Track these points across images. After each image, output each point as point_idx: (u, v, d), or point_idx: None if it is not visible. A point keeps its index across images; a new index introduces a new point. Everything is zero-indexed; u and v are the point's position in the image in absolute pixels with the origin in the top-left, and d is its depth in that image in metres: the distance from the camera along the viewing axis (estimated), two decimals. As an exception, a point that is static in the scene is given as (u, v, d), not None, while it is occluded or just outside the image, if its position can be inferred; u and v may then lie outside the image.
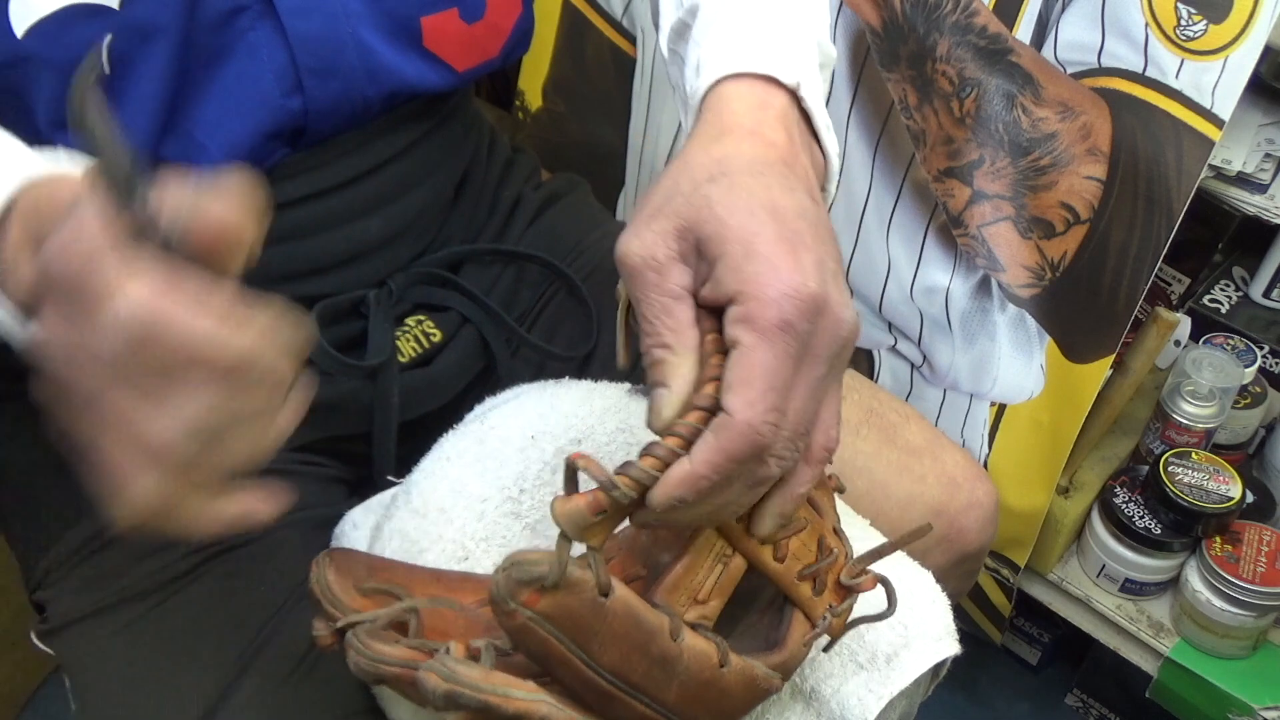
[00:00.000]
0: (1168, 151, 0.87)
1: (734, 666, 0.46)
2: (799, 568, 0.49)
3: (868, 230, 1.05)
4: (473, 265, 0.77)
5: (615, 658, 0.43)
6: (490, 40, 0.71)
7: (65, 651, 0.63)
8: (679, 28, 0.58)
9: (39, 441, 0.68)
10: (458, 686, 0.41)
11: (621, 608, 0.42)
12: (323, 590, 0.51)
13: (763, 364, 0.40)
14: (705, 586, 0.47)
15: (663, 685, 0.44)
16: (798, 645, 0.49)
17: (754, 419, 0.40)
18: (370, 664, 0.45)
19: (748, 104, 0.49)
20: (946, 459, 0.76)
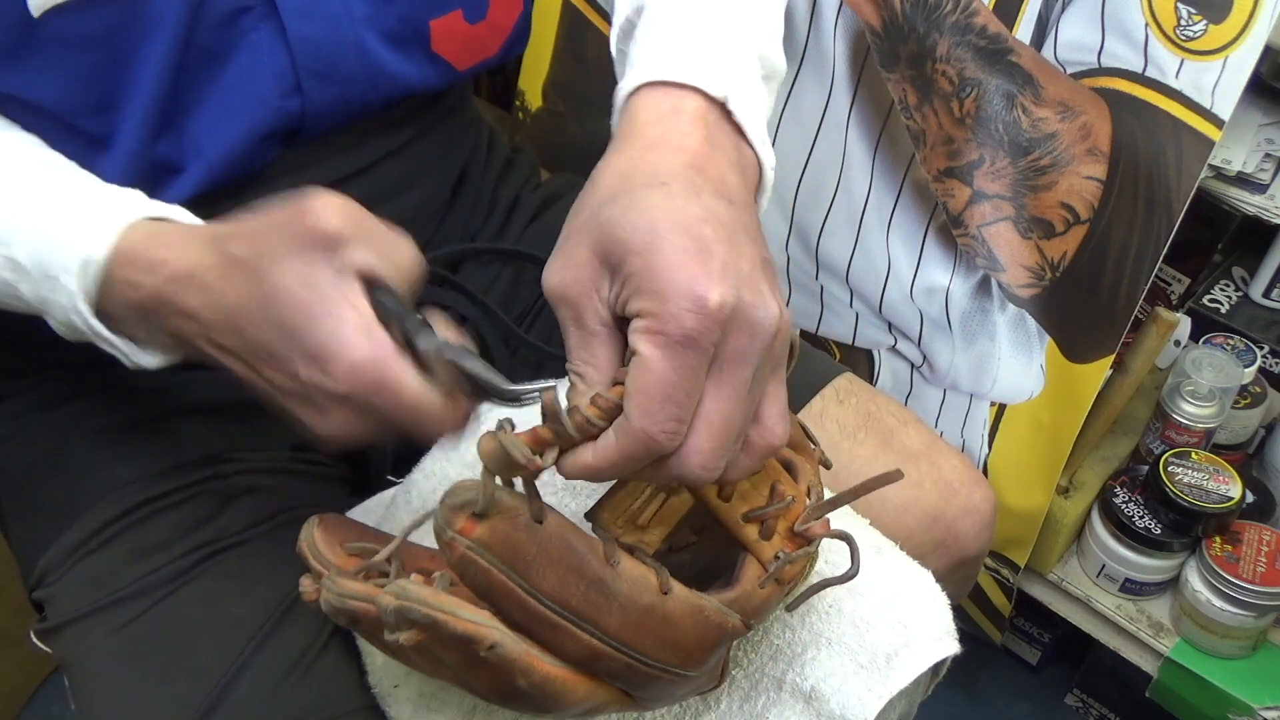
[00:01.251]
0: (1168, 151, 0.87)
1: (677, 594, 0.46)
2: (745, 509, 0.49)
3: (868, 230, 1.05)
4: (471, 264, 0.77)
5: (553, 583, 0.43)
6: (491, 39, 0.71)
7: (64, 650, 0.63)
8: (626, 27, 0.58)
9: (37, 441, 0.68)
10: (408, 602, 0.42)
11: (555, 532, 0.43)
12: (310, 548, 0.52)
13: (660, 375, 0.41)
14: (646, 513, 0.48)
15: (602, 610, 0.44)
16: (751, 585, 0.49)
17: (649, 427, 0.41)
18: (338, 600, 0.46)
19: (658, 112, 0.48)
20: (944, 464, 0.76)
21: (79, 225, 0.50)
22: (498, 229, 0.80)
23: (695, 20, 0.53)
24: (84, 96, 0.56)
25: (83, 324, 0.51)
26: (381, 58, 0.64)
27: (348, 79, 0.63)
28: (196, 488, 0.65)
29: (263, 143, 0.62)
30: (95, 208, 0.51)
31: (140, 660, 0.60)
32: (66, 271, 0.50)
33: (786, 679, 0.59)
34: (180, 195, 0.60)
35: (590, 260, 0.43)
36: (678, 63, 0.49)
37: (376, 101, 0.65)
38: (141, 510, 0.64)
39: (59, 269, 0.50)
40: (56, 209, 0.51)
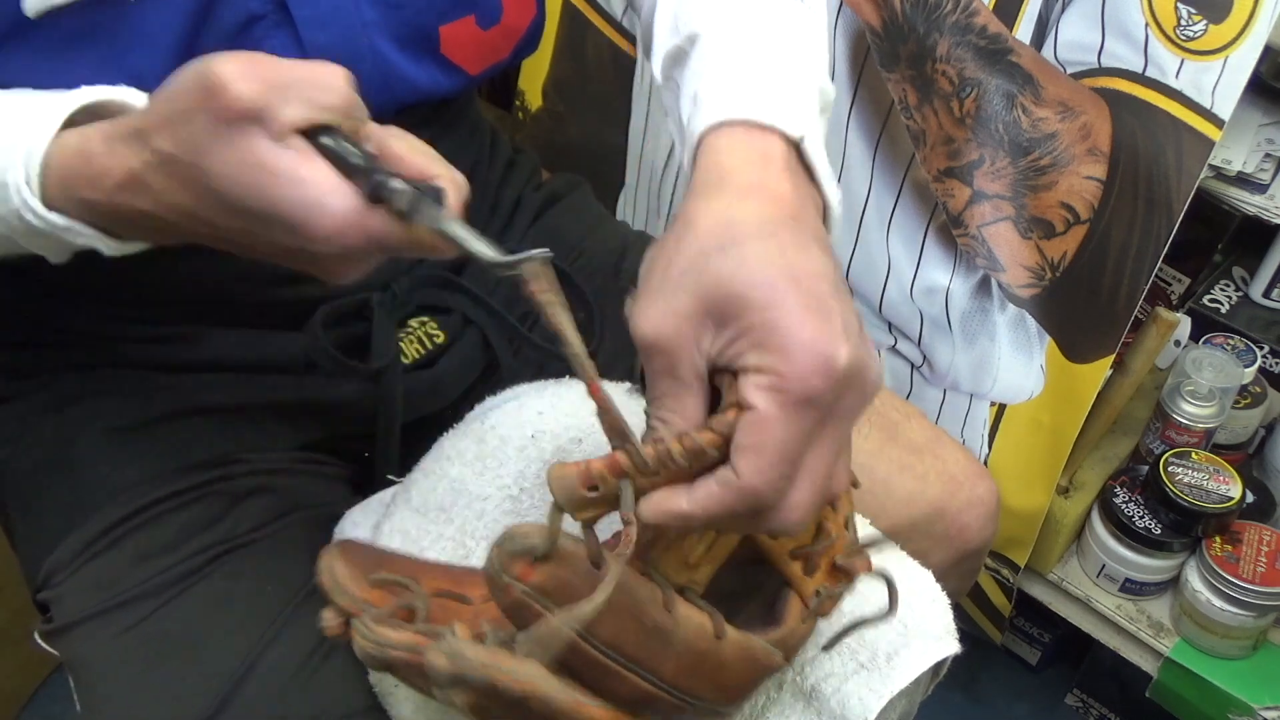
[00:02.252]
0: (1168, 151, 0.87)
1: (730, 639, 0.46)
2: (792, 545, 0.49)
3: (868, 230, 1.05)
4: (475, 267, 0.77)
5: (611, 630, 0.43)
6: (504, 42, 0.71)
7: (70, 652, 0.63)
8: (676, 54, 0.57)
9: (44, 442, 0.68)
10: (463, 666, 0.41)
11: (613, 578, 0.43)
12: (332, 581, 0.51)
13: (778, 435, 0.40)
14: (696, 551, 0.47)
15: (659, 657, 0.44)
16: (795, 622, 0.49)
17: (760, 486, 0.40)
18: (377, 649, 0.46)
19: (748, 157, 0.47)
20: (948, 457, 0.76)
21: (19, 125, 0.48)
22: (501, 230, 0.80)
23: (759, 54, 0.52)
24: None
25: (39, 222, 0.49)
26: (394, 63, 0.64)
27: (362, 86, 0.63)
28: (204, 489, 0.65)
29: None
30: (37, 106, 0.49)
31: (147, 662, 0.60)
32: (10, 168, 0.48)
33: (787, 678, 0.59)
34: None
35: (694, 310, 0.42)
36: (754, 100, 0.48)
37: (390, 107, 0.65)
38: (149, 511, 0.64)
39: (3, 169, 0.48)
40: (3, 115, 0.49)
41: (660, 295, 0.43)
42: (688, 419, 0.42)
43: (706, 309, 0.42)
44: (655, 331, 0.42)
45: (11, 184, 0.48)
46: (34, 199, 0.48)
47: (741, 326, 0.41)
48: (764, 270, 0.41)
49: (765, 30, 0.54)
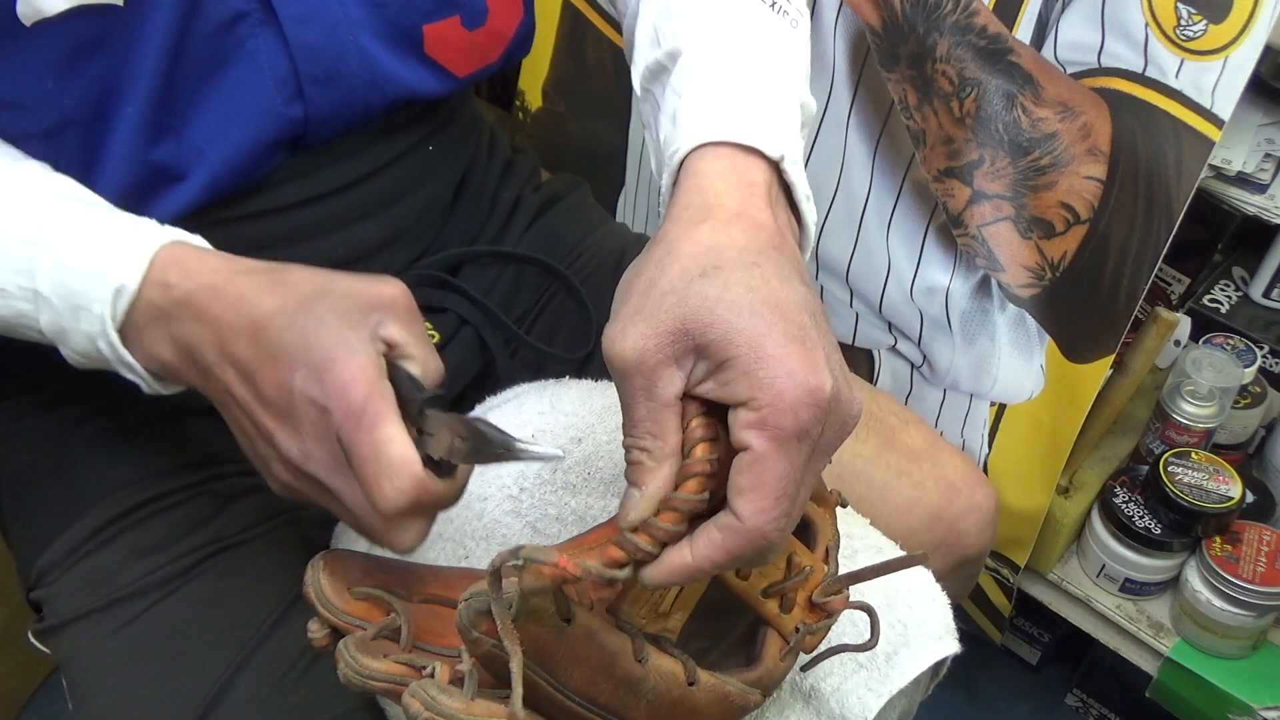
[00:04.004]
0: (1168, 151, 0.87)
1: (703, 684, 0.46)
2: (763, 585, 0.49)
3: (868, 230, 1.05)
4: (472, 267, 0.77)
5: (581, 680, 0.43)
6: (491, 45, 0.71)
7: (62, 650, 0.63)
8: (655, 69, 0.56)
9: (38, 441, 0.68)
10: (436, 713, 0.41)
11: (583, 632, 0.43)
12: (317, 594, 0.51)
13: (777, 472, 0.40)
14: (667, 599, 0.47)
15: (631, 706, 0.44)
16: (773, 661, 0.49)
17: (764, 526, 0.40)
18: (359, 679, 0.46)
19: (732, 183, 0.47)
20: (946, 463, 0.76)
21: (108, 253, 0.50)
22: (498, 231, 0.80)
23: (740, 71, 0.52)
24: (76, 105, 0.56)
25: (109, 351, 0.51)
26: (381, 61, 0.64)
27: (349, 84, 0.63)
28: (196, 488, 0.65)
29: (267, 150, 0.62)
30: (122, 235, 0.51)
31: (139, 660, 0.60)
32: (99, 301, 0.50)
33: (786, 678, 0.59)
34: (183, 202, 0.60)
35: (676, 333, 0.42)
36: (734, 121, 0.48)
37: (378, 106, 0.65)
38: (141, 510, 0.64)
39: (89, 299, 0.50)
40: (80, 239, 0.51)
41: (640, 317, 0.42)
42: (667, 444, 0.42)
43: (688, 333, 0.42)
44: (637, 352, 0.42)
45: (98, 315, 0.50)
46: (115, 337, 0.51)
47: (727, 354, 0.41)
48: (748, 299, 0.41)
49: (745, 47, 0.54)
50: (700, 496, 0.41)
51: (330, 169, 0.66)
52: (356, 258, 0.69)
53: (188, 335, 0.50)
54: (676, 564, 0.41)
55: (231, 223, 0.63)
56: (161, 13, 0.55)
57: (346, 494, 0.47)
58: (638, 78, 0.59)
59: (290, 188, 0.64)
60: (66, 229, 0.52)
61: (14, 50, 0.53)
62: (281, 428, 0.48)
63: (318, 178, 0.66)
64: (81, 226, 0.52)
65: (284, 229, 0.65)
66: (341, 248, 0.68)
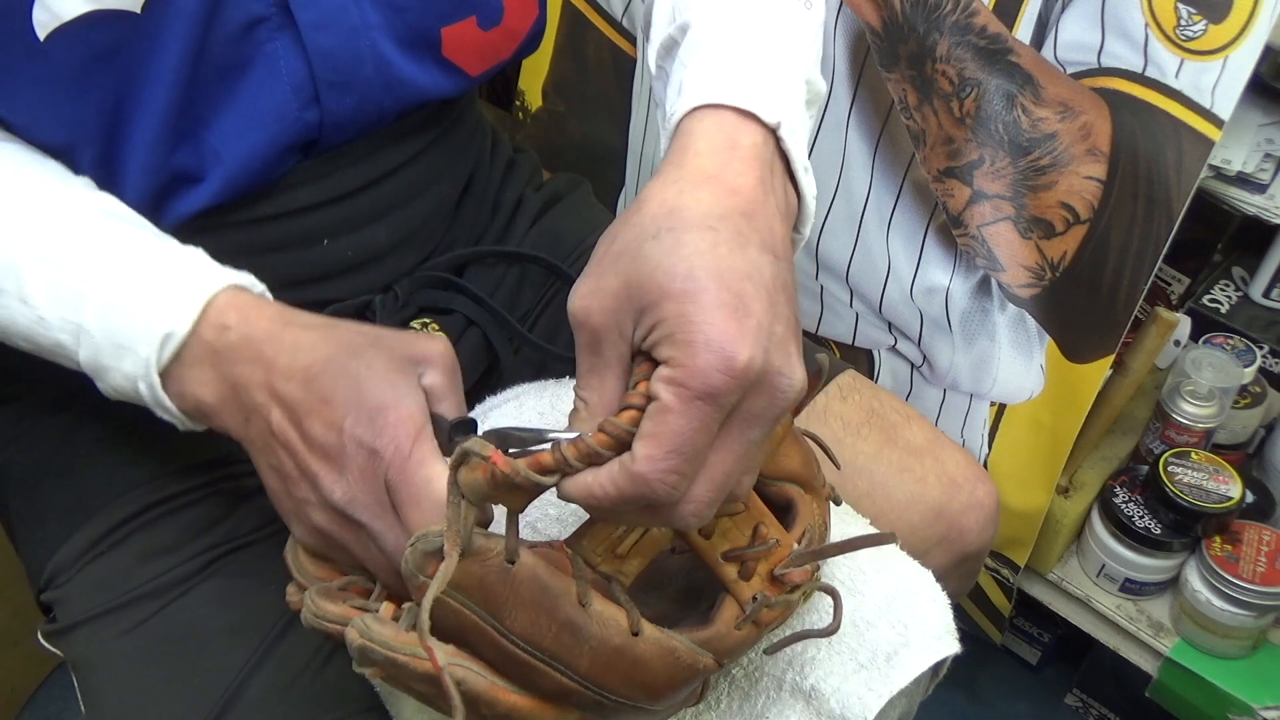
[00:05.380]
0: (1168, 151, 0.87)
1: (648, 635, 0.46)
2: (725, 547, 0.49)
3: (868, 230, 1.05)
4: (476, 267, 0.77)
5: (525, 624, 0.43)
6: (505, 44, 0.71)
7: (74, 652, 0.63)
8: (668, 44, 0.57)
9: (46, 442, 0.68)
10: (369, 642, 0.42)
11: (528, 573, 0.43)
12: (293, 558, 0.53)
13: (674, 427, 0.40)
14: (626, 542, 0.48)
15: (574, 652, 0.44)
16: (727, 625, 0.49)
17: (650, 474, 0.41)
18: (314, 620, 0.47)
19: (716, 143, 0.47)
20: (947, 459, 0.76)
21: (161, 297, 0.51)
22: (502, 231, 0.80)
23: (746, 41, 0.52)
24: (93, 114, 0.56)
25: (147, 393, 0.52)
26: (397, 66, 0.63)
27: (365, 89, 0.63)
28: (206, 489, 0.65)
29: (282, 154, 0.62)
30: (177, 278, 0.52)
31: (152, 662, 0.60)
32: (146, 344, 0.50)
33: (786, 678, 0.59)
34: (198, 205, 0.60)
35: (621, 292, 0.43)
36: (732, 85, 0.48)
37: (393, 110, 0.65)
38: (152, 512, 0.64)
39: (136, 341, 0.51)
40: (133, 279, 0.52)
41: (594, 273, 0.44)
42: (605, 399, 0.43)
43: (631, 292, 0.42)
44: (582, 307, 0.44)
45: (143, 359, 0.51)
46: (157, 380, 0.52)
47: (659, 316, 0.41)
48: (688, 262, 0.42)
49: (756, 21, 0.54)
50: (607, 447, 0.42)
51: (343, 172, 0.66)
52: (366, 260, 0.69)
53: (239, 376, 0.51)
54: (579, 481, 0.42)
55: (245, 225, 0.63)
56: (179, 20, 0.55)
57: (388, 537, 0.49)
58: (653, 56, 0.59)
59: (303, 191, 0.64)
60: (118, 266, 0.52)
61: (30, 62, 0.53)
62: (327, 469, 0.49)
63: (331, 181, 0.66)
64: (134, 265, 0.52)
65: (297, 232, 0.65)
66: (352, 250, 0.68)
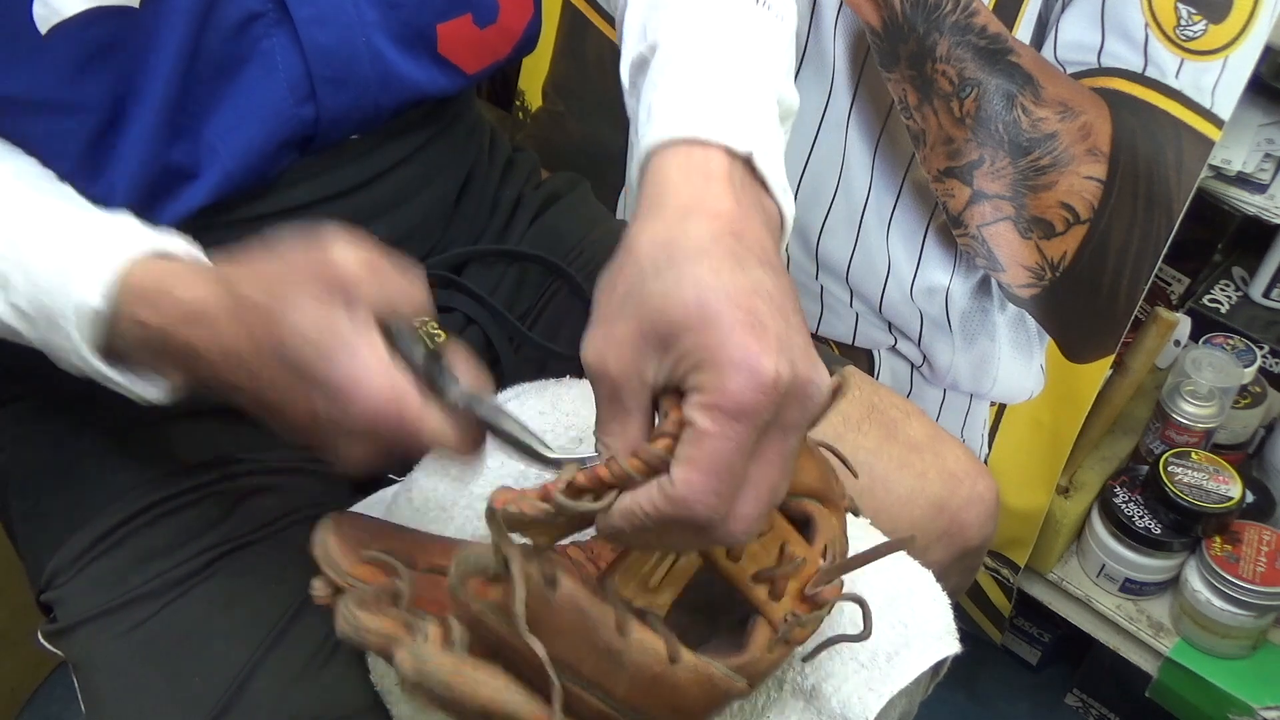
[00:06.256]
0: (1168, 151, 0.87)
1: (685, 663, 0.46)
2: (754, 570, 0.49)
3: (868, 230, 1.05)
4: (476, 266, 0.77)
5: (564, 649, 0.43)
6: (501, 42, 0.71)
7: (74, 652, 0.63)
8: (639, 62, 0.56)
9: (46, 443, 0.68)
10: (425, 671, 0.42)
11: (567, 600, 0.43)
12: (323, 554, 0.52)
13: (712, 448, 0.40)
14: (656, 575, 0.48)
15: (612, 678, 0.44)
16: (761, 650, 0.49)
17: (690, 498, 0.40)
18: (353, 633, 0.46)
19: (688, 174, 0.47)
20: (948, 454, 0.76)
21: (74, 270, 0.50)
22: (501, 229, 0.80)
23: (713, 64, 0.52)
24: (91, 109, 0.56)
25: (87, 367, 0.51)
26: (393, 62, 0.64)
27: (361, 85, 0.63)
28: (206, 489, 0.65)
29: (278, 150, 0.62)
30: (89, 248, 0.51)
31: (152, 662, 0.60)
32: (65, 318, 0.50)
33: (787, 678, 0.59)
34: (195, 202, 0.60)
35: (634, 338, 0.42)
36: (700, 117, 0.48)
37: (389, 107, 0.65)
38: (151, 512, 0.64)
39: (59, 316, 0.50)
40: (49, 252, 0.51)
41: (603, 322, 0.44)
42: (629, 445, 0.43)
43: (645, 334, 0.42)
44: (598, 359, 0.43)
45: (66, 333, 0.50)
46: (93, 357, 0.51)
47: (681, 351, 0.41)
48: (697, 292, 0.41)
49: (721, 41, 0.53)
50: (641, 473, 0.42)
51: (340, 170, 0.66)
52: None
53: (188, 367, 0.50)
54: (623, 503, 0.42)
55: (241, 224, 0.63)
56: (177, 15, 0.55)
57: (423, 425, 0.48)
58: (625, 73, 0.59)
59: (300, 189, 0.65)
60: (38, 237, 0.52)
61: (29, 56, 0.53)
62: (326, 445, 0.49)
63: (328, 178, 0.66)
64: (52, 233, 0.52)
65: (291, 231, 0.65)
66: None
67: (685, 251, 0.43)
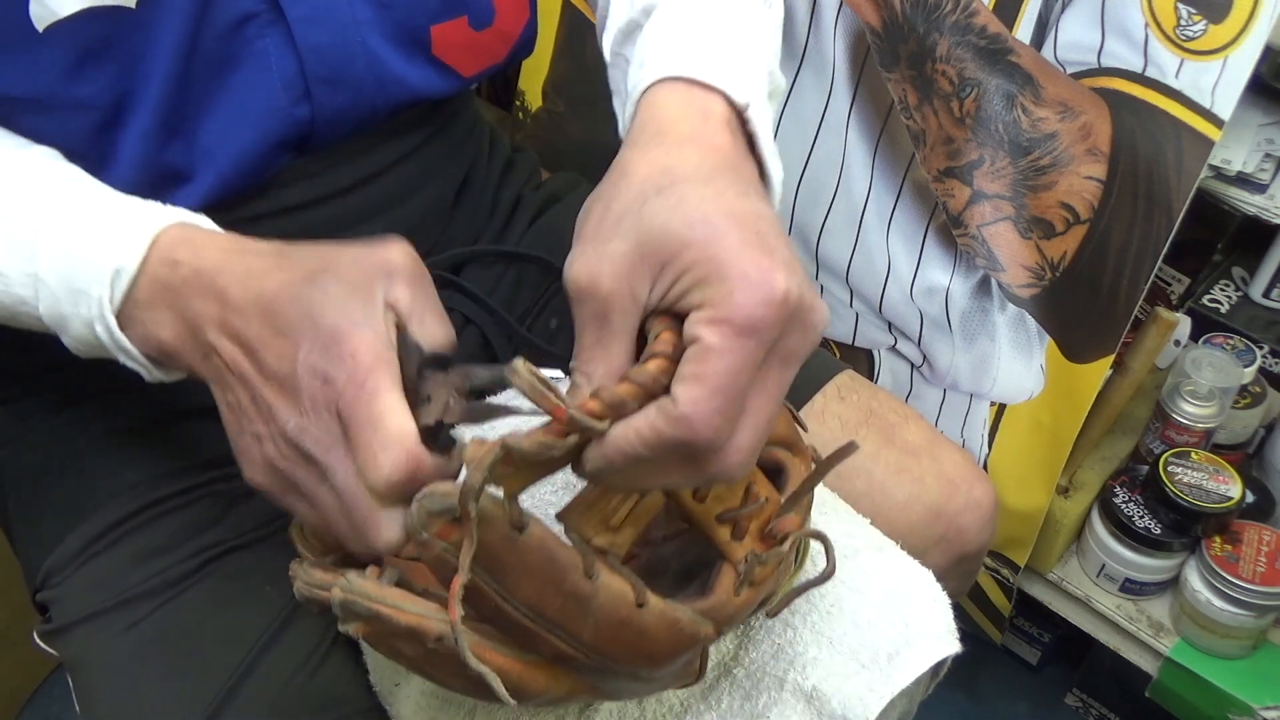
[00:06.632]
0: (1168, 151, 0.87)
1: (652, 607, 0.45)
2: (719, 509, 0.48)
3: (868, 230, 1.05)
4: (474, 266, 0.77)
5: (530, 592, 0.43)
6: (497, 46, 0.71)
7: (69, 652, 0.63)
8: (628, 28, 0.56)
9: (43, 442, 0.68)
10: (352, 595, 0.42)
11: (536, 543, 0.42)
12: (298, 532, 0.52)
13: (720, 364, 0.39)
14: (619, 514, 0.46)
15: (578, 621, 0.44)
16: (726, 592, 0.48)
17: (695, 417, 0.39)
18: (306, 589, 0.46)
19: (687, 111, 0.47)
20: (945, 459, 0.76)
21: (109, 236, 0.50)
22: (500, 230, 0.80)
23: (713, 25, 0.52)
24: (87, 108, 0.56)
25: (105, 335, 0.51)
26: (388, 62, 0.64)
27: (356, 85, 0.63)
28: (203, 490, 0.65)
29: (273, 151, 0.62)
30: (124, 218, 0.51)
31: (147, 662, 0.60)
32: (98, 283, 0.49)
33: (788, 678, 0.59)
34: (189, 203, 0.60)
35: (631, 256, 0.41)
36: (701, 63, 0.48)
37: (385, 107, 0.65)
38: (148, 512, 0.64)
39: (88, 281, 0.50)
40: (82, 222, 0.51)
41: (596, 241, 0.42)
42: (612, 369, 0.41)
43: (644, 254, 0.41)
44: (590, 276, 0.41)
45: (95, 299, 0.49)
46: (113, 321, 0.50)
47: (683, 265, 0.40)
48: (702, 210, 0.41)
49: (721, 9, 0.54)
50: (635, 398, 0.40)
51: (336, 170, 0.66)
52: None
53: (193, 312, 0.49)
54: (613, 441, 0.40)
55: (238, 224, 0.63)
56: (172, 15, 0.55)
57: (338, 471, 0.45)
58: (609, 44, 0.58)
59: (296, 189, 0.65)
60: (70, 213, 0.51)
61: (24, 54, 0.53)
62: (282, 400, 0.47)
63: (324, 179, 0.66)
64: (84, 210, 0.51)
65: (290, 230, 0.65)
66: None
67: (687, 176, 0.43)
